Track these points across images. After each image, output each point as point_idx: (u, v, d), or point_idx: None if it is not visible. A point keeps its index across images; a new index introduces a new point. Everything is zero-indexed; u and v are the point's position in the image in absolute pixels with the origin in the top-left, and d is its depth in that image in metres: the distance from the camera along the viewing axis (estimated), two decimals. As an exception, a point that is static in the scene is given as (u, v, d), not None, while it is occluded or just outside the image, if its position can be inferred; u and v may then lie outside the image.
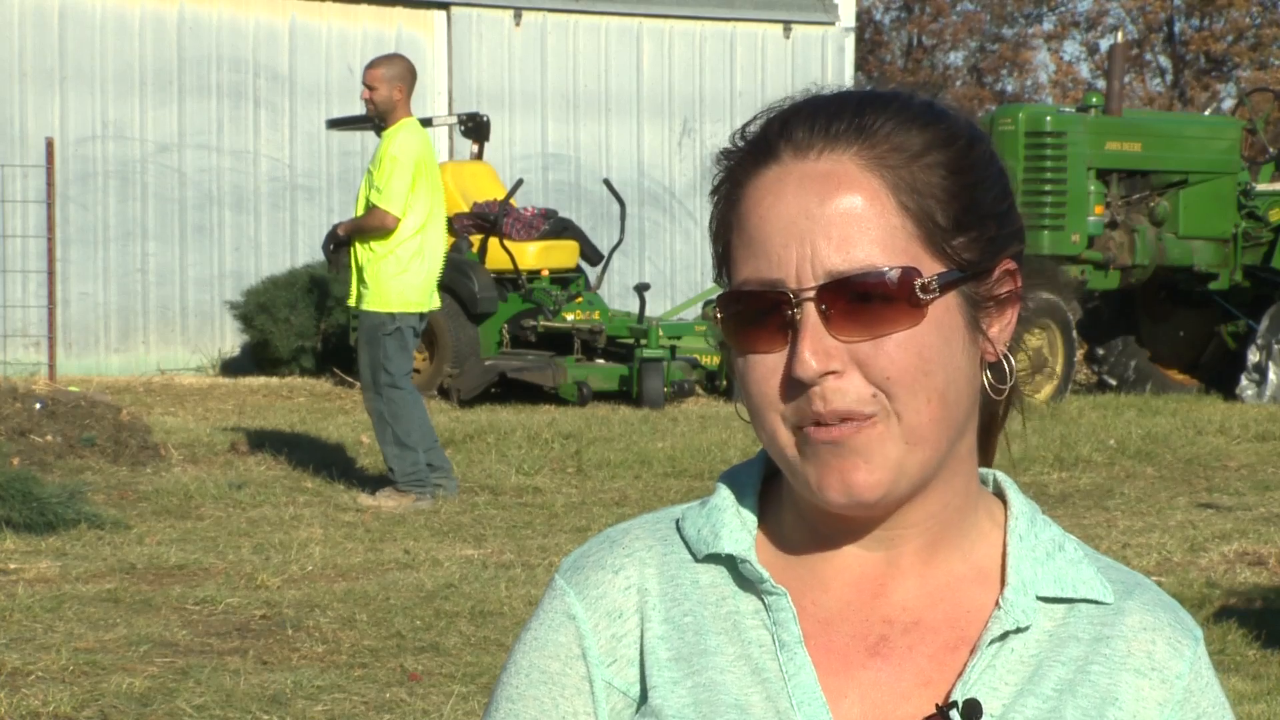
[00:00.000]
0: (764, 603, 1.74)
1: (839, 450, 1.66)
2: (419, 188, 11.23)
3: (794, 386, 1.66)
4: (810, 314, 1.65)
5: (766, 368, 1.68)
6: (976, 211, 1.69)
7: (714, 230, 1.74)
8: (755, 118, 1.74)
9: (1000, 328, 1.73)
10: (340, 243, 11.45)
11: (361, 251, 11.24)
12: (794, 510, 1.76)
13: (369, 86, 11.31)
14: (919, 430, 1.66)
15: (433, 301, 11.49)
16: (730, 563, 1.76)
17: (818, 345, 1.65)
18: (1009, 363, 1.74)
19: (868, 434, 1.65)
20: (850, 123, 1.68)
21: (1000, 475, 1.81)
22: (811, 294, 1.65)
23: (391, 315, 11.20)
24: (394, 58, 11.75)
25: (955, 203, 1.68)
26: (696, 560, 1.77)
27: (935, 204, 1.67)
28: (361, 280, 11.24)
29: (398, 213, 11.13)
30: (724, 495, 1.79)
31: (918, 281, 1.65)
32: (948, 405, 1.68)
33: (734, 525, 1.76)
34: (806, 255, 1.65)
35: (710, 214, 1.75)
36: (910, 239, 1.66)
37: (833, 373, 1.65)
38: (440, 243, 11.49)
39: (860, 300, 1.64)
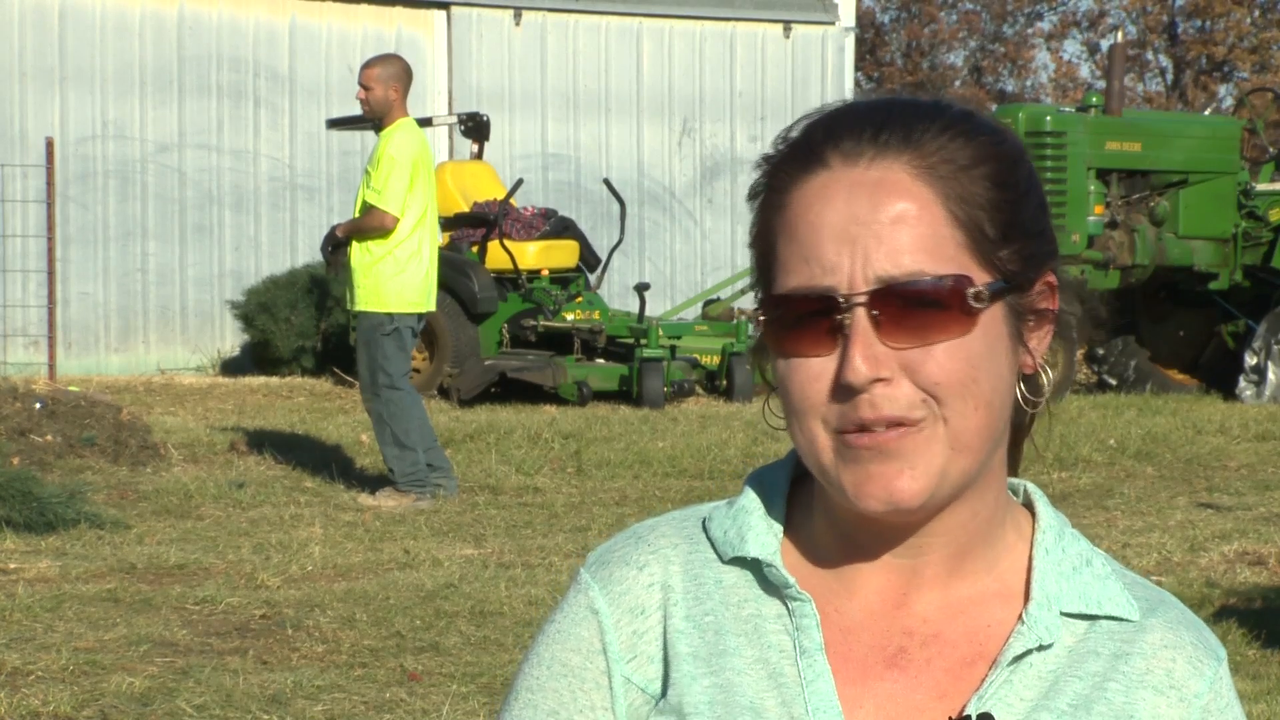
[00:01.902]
0: (788, 608, 1.74)
1: (881, 455, 1.65)
2: (416, 188, 11.22)
3: (841, 392, 1.66)
4: (861, 319, 1.65)
5: (811, 372, 1.67)
6: (1020, 225, 1.70)
7: (755, 234, 1.73)
8: (795, 123, 1.74)
9: (1038, 340, 1.74)
10: (338, 244, 11.43)
11: (359, 252, 11.22)
12: (823, 515, 1.76)
13: (364, 86, 11.30)
14: (964, 437, 1.66)
15: (430, 303, 11.48)
16: (755, 566, 1.76)
17: (868, 351, 1.65)
18: (1046, 375, 1.75)
19: (913, 439, 1.65)
20: (898, 132, 1.68)
21: (1030, 486, 1.80)
22: (863, 299, 1.65)
23: (390, 316, 11.18)
24: (389, 57, 11.73)
25: (1001, 215, 1.69)
26: (722, 561, 1.77)
27: (983, 215, 1.68)
28: (359, 281, 11.22)
29: (396, 213, 11.12)
30: (751, 498, 1.79)
31: (970, 290, 1.66)
32: (993, 413, 1.68)
33: (760, 529, 1.76)
34: (858, 261, 1.65)
35: (752, 220, 1.74)
36: (959, 248, 1.67)
37: (881, 380, 1.65)
38: (435, 243, 11.49)
39: (911, 307, 1.65)
